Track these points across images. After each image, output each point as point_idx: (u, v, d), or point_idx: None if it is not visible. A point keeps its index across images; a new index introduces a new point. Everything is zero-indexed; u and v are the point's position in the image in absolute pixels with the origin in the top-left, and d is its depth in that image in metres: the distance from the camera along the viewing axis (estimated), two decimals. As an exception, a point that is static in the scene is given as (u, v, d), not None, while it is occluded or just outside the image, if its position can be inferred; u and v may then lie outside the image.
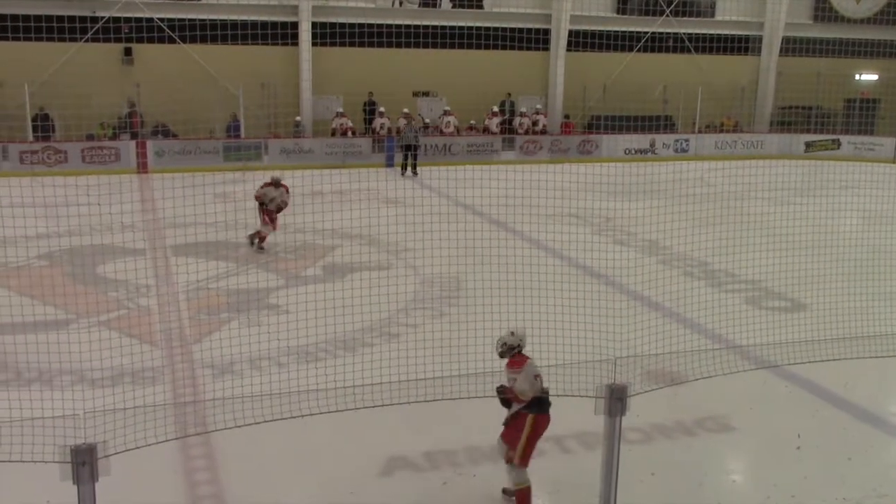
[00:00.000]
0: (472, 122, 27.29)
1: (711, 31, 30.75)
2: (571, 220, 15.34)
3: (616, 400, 5.71)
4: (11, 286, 11.87)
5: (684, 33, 30.24)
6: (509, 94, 28.68)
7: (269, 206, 14.36)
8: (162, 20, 24.21)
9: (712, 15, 31.10)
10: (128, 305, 11.40)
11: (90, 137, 23.60)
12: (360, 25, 25.15)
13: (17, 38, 20.56)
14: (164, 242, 14.34)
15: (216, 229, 14.07)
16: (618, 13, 29.99)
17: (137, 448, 5.21)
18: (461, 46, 25.58)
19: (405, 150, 23.81)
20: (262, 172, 17.91)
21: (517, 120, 27.73)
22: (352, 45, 24.37)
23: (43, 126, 23.34)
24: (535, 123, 27.98)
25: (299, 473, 7.08)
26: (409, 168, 23.69)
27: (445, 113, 26.90)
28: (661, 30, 29.99)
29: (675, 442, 7.80)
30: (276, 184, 14.45)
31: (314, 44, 25.98)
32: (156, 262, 13.45)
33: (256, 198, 14.53)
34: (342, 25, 25.20)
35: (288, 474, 7.04)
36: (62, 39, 22.81)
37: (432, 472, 7.09)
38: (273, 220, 14.46)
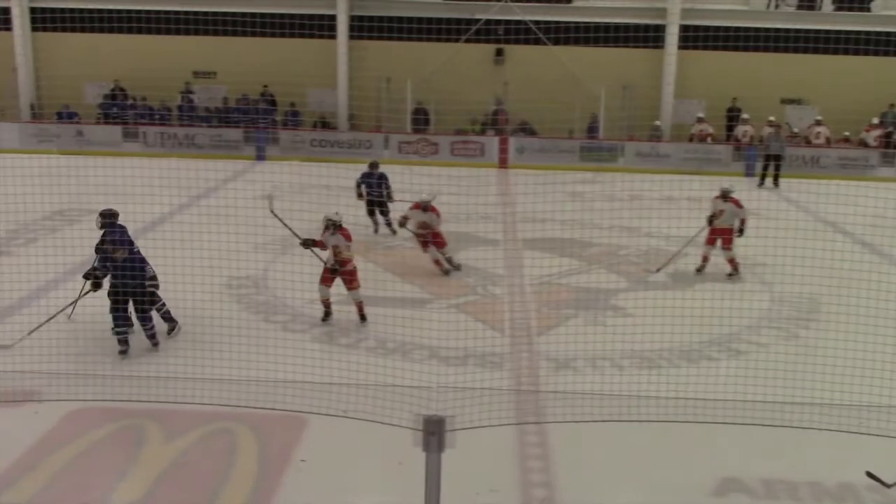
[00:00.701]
0: (845, 133, 25.19)
1: None
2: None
3: None
4: (381, 263, 13.06)
5: None
6: (892, 105, 26.07)
7: (418, 232, 12.69)
8: (533, 22, 25.17)
9: None
10: (479, 292, 12.06)
11: (459, 132, 25.24)
12: (728, 28, 24.27)
13: (406, 39, 22.50)
14: (517, 235, 14.97)
15: (567, 226, 14.41)
16: None
17: (480, 427, 5.53)
18: (841, 52, 23.70)
19: (767, 160, 22.59)
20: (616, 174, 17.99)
21: (901, 134, 25.13)
22: (717, 48, 23.63)
23: (420, 119, 25.44)
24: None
25: (627, 477, 7.06)
26: (769, 179, 22.45)
27: (816, 123, 25.10)
28: None
29: None
30: (423, 207, 12.59)
31: (680, 47, 25.53)
32: (508, 253, 14.08)
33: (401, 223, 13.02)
34: (710, 28, 24.51)
35: (616, 476, 7.05)
36: (442, 40, 24.59)
37: (770, 502, 6.72)
38: (427, 245, 12.68)
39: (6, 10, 25.94)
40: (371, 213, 15.05)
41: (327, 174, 13.31)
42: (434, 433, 5.05)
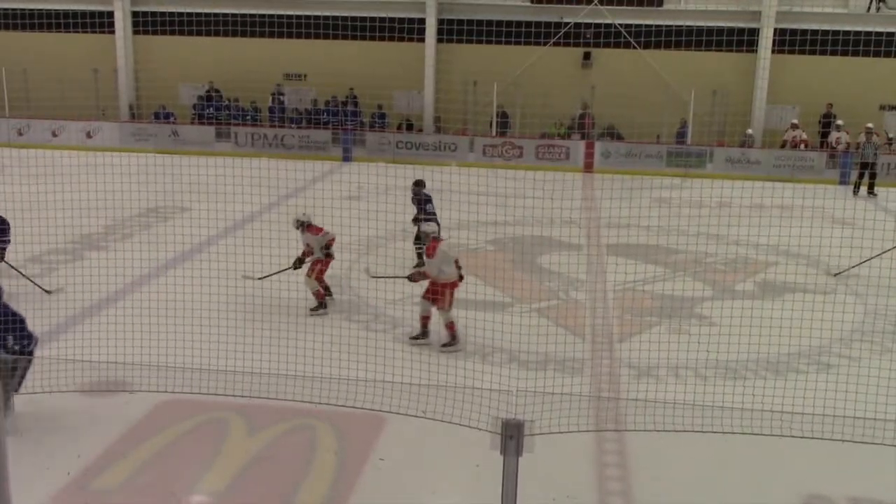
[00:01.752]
0: (946, 140, 24.23)
1: None
2: None
3: None
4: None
5: None
6: None
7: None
8: (622, 25, 24.93)
9: None
10: (560, 296, 12.00)
11: (544, 135, 25.16)
12: (825, 32, 23.55)
13: (494, 42, 22.54)
14: (600, 240, 14.84)
15: (652, 232, 14.21)
16: None
17: (559, 433, 5.50)
18: (945, 56, 22.79)
19: (862, 168, 21.86)
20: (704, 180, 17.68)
21: None
22: (813, 52, 23.00)
23: (501, 122, 25.47)
24: None
25: (708, 490, 6.93)
26: (864, 187, 21.72)
27: (915, 129, 24.21)
28: None
29: None
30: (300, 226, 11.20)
31: (774, 51, 24.92)
32: (590, 258, 13.97)
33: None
34: (806, 32, 23.83)
35: (696, 488, 6.92)
36: (529, 43, 24.56)
37: (858, 520, 6.51)
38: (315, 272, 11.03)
39: (110, 14, 26.93)
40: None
41: (414, 176, 13.47)
42: (512, 437, 5.05)
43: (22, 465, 5.49)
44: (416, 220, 13.05)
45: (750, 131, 25.08)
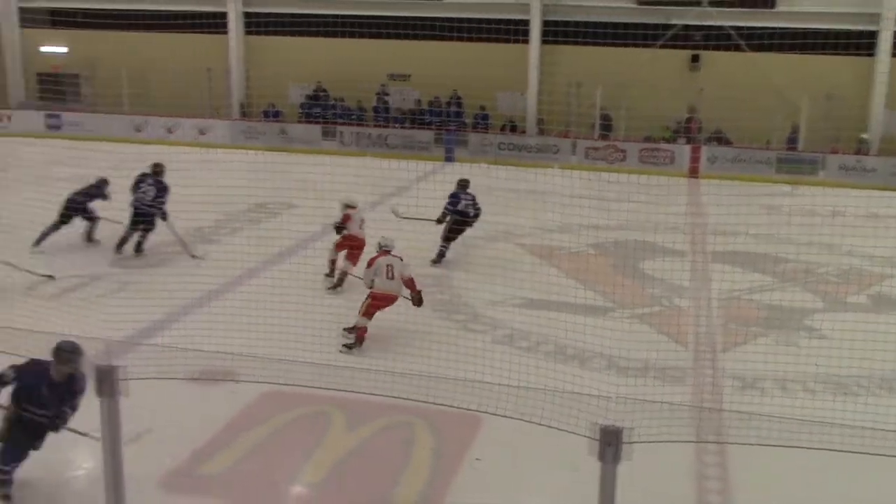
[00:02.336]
0: None
1: None
2: None
3: None
4: (564, 268, 13.02)
5: None
6: None
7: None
8: (732, 28, 24.29)
9: None
10: (663, 303, 11.79)
11: (648, 139, 24.75)
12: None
13: (600, 44, 22.25)
14: (705, 247, 14.51)
15: (760, 241, 13.82)
16: None
17: (658, 442, 5.41)
18: None
19: None
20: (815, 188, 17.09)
21: None
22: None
23: (603, 125, 25.17)
24: None
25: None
26: None
27: None
28: None
29: None
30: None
31: (894, 55, 23.89)
32: (694, 265, 13.68)
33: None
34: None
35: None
36: (635, 45, 24.19)
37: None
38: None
39: (223, 15, 27.80)
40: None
41: (515, 177, 13.46)
42: (611, 444, 5.00)
43: (134, 449, 5.73)
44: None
45: (865, 135, 24.09)
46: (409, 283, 9.88)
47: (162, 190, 12.90)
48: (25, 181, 14.72)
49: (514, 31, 24.55)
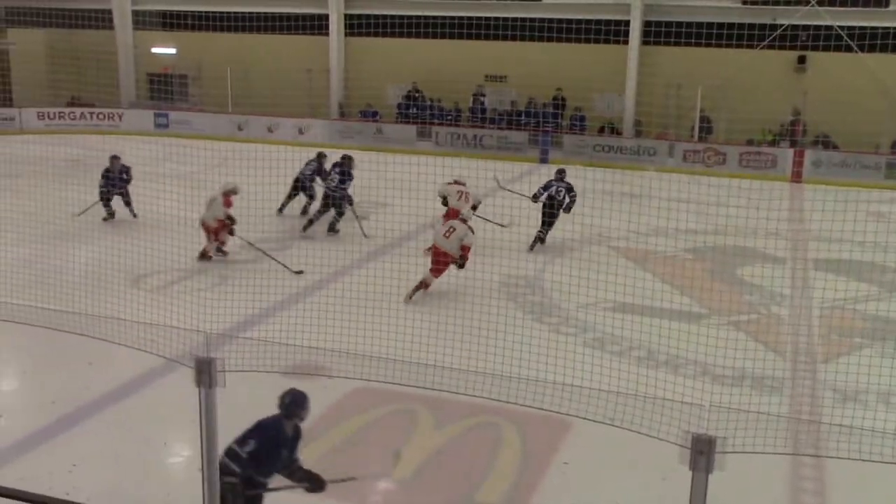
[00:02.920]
0: None
1: None
2: None
3: None
4: (658, 273, 12.81)
5: None
6: None
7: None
8: (841, 28, 23.46)
9: None
10: (760, 311, 11.48)
11: (749, 142, 24.11)
12: None
13: (703, 45, 21.74)
14: (806, 254, 14.06)
15: (866, 249, 13.31)
16: None
17: (753, 453, 5.27)
18: None
19: None
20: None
21: None
22: None
23: (702, 128, 24.64)
24: None
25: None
26: None
27: None
28: None
29: None
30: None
31: None
32: (795, 272, 13.27)
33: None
34: None
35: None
36: (738, 46, 23.59)
37: None
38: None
39: (325, 17, 28.34)
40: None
41: (611, 179, 13.31)
42: (703, 452, 4.89)
43: (229, 438, 5.89)
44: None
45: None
46: (465, 250, 11.21)
47: (345, 177, 14.51)
48: (135, 177, 15.31)
49: (613, 32, 24.25)
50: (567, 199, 14.14)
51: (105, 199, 15.12)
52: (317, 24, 27.65)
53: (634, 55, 26.00)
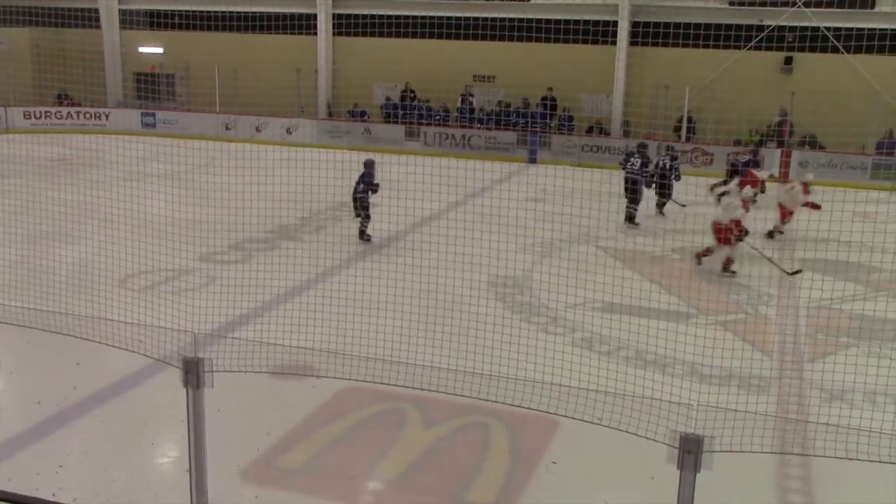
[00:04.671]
0: None
1: None
2: None
3: None
4: (646, 273, 12.85)
5: None
6: None
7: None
8: (827, 29, 23.57)
9: None
10: (748, 311, 11.53)
11: (737, 143, 24.19)
12: None
13: (690, 46, 21.80)
14: (794, 254, 14.12)
15: (852, 249, 13.37)
16: None
17: (740, 452, 5.30)
18: None
19: None
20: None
21: None
22: None
23: (690, 128, 24.74)
24: None
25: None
26: None
27: None
28: None
29: None
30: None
31: None
32: (783, 272, 13.32)
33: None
34: None
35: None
36: (726, 47, 23.67)
37: None
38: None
39: (313, 17, 28.29)
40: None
41: (599, 179, 13.33)
42: (690, 452, 4.91)
43: (217, 439, 5.88)
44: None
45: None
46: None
47: (367, 180, 14.24)
48: (121, 177, 15.25)
49: (601, 33, 24.31)
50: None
51: None
52: (305, 24, 27.59)
53: (623, 56, 26.06)
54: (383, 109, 27.61)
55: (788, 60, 24.79)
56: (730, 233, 12.84)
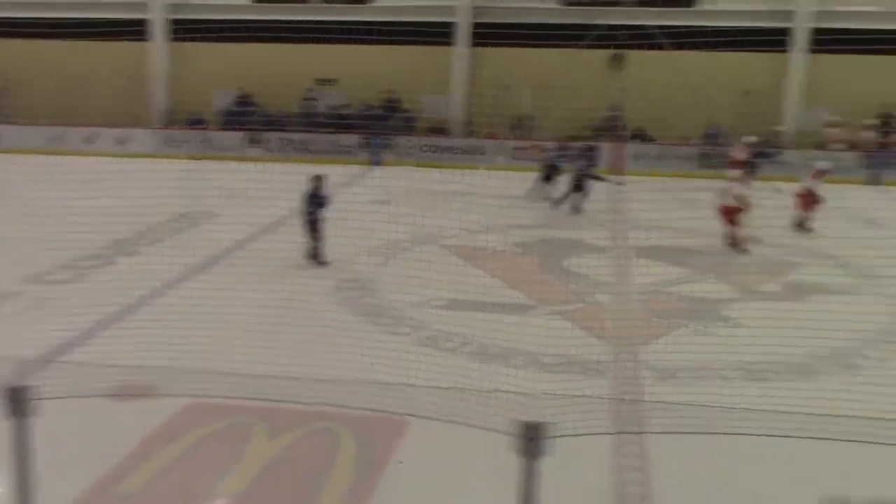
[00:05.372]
0: None
1: None
2: None
3: None
4: (488, 268, 13.11)
5: None
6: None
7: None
8: (654, 26, 24.69)
9: None
10: (585, 299, 11.96)
11: (574, 138, 24.99)
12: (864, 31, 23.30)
13: (527, 45, 22.29)
14: (627, 243, 14.74)
15: (681, 235, 14.13)
16: None
17: (580, 435, 5.50)
18: None
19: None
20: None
21: None
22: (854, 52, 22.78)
23: (529, 126, 25.48)
24: None
25: (729, 491, 6.89)
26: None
27: None
28: None
29: None
30: None
31: (813, 51, 24.64)
32: (617, 260, 13.89)
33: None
34: (845, 31, 23.52)
35: (717, 490, 6.89)
36: (563, 46, 24.48)
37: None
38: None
39: (144, 22, 27.27)
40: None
41: (440, 179, 13.50)
42: (532, 439, 5.05)
43: (47, 468, 5.59)
44: None
45: (781, 128, 24.80)
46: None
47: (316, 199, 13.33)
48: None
49: (442, 34, 24.63)
50: None
51: None
52: (138, 30, 26.57)
53: (464, 57, 26.46)
54: (223, 116, 26.96)
55: (619, 57, 25.85)
56: (734, 213, 14.19)
